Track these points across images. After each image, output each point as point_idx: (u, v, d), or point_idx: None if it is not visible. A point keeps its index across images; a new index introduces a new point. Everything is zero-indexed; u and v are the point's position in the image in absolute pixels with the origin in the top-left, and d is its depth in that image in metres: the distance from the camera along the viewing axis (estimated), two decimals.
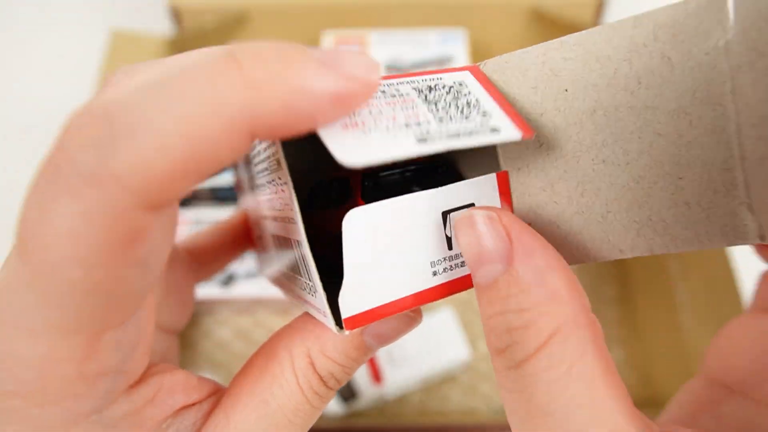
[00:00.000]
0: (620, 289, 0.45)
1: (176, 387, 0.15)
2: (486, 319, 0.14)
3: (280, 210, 0.16)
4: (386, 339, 0.16)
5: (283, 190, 0.14)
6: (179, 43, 0.48)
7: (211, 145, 0.10)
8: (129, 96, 0.10)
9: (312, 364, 0.16)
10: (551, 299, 0.13)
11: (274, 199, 0.16)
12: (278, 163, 0.14)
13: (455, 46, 0.48)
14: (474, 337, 0.42)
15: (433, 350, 0.40)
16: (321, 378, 0.16)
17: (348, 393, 0.38)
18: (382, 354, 0.40)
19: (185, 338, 0.43)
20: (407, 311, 0.15)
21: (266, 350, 0.16)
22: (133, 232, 0.11)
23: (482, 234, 0.14)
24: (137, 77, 0.11)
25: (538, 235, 0.14)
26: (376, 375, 0.39)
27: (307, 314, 0.16)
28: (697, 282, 0.37)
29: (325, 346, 0.16)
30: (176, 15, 0.49)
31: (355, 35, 0.49)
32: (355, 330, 0.14)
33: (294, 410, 0.15)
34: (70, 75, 0.52)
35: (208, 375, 0.41)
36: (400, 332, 0.16)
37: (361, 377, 0.39)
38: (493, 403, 0.41)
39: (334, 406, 0.38)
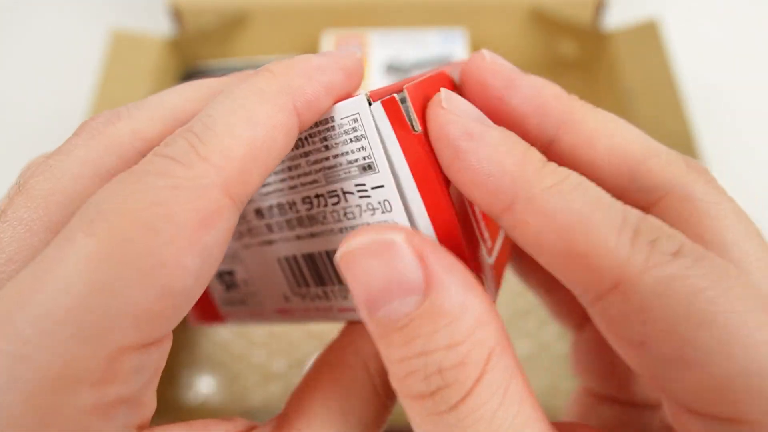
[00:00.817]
0: None
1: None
2: (398, 363, 0.12)
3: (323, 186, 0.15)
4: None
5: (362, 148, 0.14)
6: (179, 44, 0.48)
7: (268, 126, 0.12)
8: (200, 114, 0.13)
9: (380, 363, 0.14)
10: (478, 324, 0.11)
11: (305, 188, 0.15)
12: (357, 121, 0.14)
13: (455, 46, 0.48)
14: None
15: None
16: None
17: None
18: None
19: (185, 338, 0.43)
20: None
21: (329, 361, 0.15)
22: (212, 212, 0.11)
23: (387, 262, 0.11)
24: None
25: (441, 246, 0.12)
26: None
27: (351, 322, 0.15)
28: None
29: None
30: (176, 15, 0.49)
31: (355, 35, 0.49)
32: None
33: (376, 419, 0.14)
34: (70, 75, 0.52)
35: (208, 375, 0.41)
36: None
37: None
38: None
39: None
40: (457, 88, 0.15)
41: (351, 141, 0.14)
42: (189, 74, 0.50)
